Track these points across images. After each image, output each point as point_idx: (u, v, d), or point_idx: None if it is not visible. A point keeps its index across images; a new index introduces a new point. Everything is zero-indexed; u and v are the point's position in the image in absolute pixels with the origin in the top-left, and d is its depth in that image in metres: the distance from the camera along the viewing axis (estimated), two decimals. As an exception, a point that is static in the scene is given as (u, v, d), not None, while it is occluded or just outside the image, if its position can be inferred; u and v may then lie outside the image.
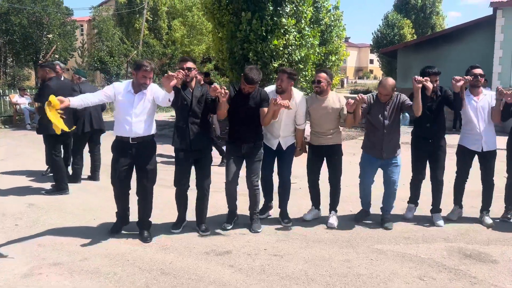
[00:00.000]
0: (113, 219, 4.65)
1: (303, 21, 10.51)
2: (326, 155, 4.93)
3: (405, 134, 5.04)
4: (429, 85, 4.57)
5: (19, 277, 3.58)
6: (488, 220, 4.98)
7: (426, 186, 5.19)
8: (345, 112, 4.72)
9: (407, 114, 8.89)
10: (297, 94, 4.86)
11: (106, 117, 7.72)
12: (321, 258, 4.07)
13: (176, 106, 4.42)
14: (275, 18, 10.00)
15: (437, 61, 16.12)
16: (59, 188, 6.10)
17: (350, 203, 5.59)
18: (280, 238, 4.57)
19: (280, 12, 10.08)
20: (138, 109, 4.28)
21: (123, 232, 4.60)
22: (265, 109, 4.55)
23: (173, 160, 4.65)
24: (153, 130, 4.46)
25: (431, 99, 4.84)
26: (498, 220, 5.08)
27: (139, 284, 3.52)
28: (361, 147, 5.07)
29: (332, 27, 12.07)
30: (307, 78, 10.95)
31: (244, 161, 4.73)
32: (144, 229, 4.49)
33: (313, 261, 3.99)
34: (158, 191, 4.79)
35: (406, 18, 28.86)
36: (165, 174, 4.69)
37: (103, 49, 23.51)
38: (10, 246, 4.20)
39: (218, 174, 4.84)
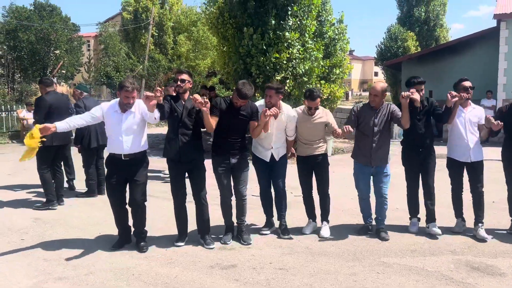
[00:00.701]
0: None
1: (306, 35, 10.59)
2: (313, 165, 4.98)
3: (396, 145, 5.09)
4: (416, 96, 4.74)
5: (24, 291, 3.59)
6: (483, 234, 4.88)
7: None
8: (334, 127, 4.84)
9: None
10: (286, 108, 4.92)
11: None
12: (326, 271, 4.04)
13: (166, 118, 4.46)
14: (278, 32, 10.09)
15: (441, 73, 16.18)
16: (48, 201, 6.12)
17: (356, 216, 5.56)
18: (285, 251, 4.54)
19: (283, 26, 10.17)
20: (127, 127, 4.33)
21: (127, 246, 4.60)
22: (256, 123, 4.63)
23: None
24: (144, 146, 4.51)
25: (417, 108, 4.90)
26: (505, 232, 5.04)
27: (144, 298, 3.51)
28: (351, 156, 5.13)
29: (336, 41, 12.13)
30: (312, 91, 10.96)
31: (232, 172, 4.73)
32: (140, 239, 4.53)
33: (318, 275, 3.96)
34: (162, 204, 4.82)
35: (410, 31, 28.95)
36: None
37: (109, 64, 23.76)
38: (16, 260, 4.21)
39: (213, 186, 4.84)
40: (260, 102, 4.94)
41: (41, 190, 7.15)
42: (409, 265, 4.18)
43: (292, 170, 5.12)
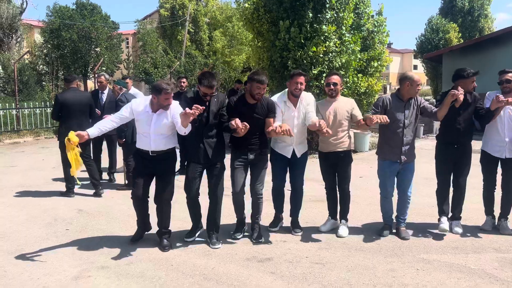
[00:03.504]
0: (155, 225, 4.76)
1: (343, 28, 10.43)
2: (335, 161, 4.82)
3: (425, 139, 4.93)
4: (461, 98, 4.44)
5: (69, 278, 3.74)
6: (507, 229, 4.81)
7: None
8: (358, 117, 4.75)
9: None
10: (306, 95, 4.72)
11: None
12: (364, 267, 3.99)
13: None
14: (315, 25, 9.99)
15: (485, 65, 15.51)
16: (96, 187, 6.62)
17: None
18: (322, 246, 4.52)
19: (320, 19, 10.06)
20: (156, 128, 4.26)
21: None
22: (271, 120, 4.52)
23: None
24: (173, 143, 4.44)
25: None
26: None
27: (182, 288, 3.58)
28: (377, 153, 4.91)
29: (375, 33, 11.89)
30: (349, 84, 10.83)
31: (249, 169, 4.67)
32: (163, 238, 4.49)
33: (356, 270, 3.92)
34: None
35: (452, 22, 27.98)
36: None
37: (147, 61, 24.31)
38: (61, 250, 4.39)
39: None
40: (276, 96, 4.77)
41: (84, 182, 7.45)
42: (450, 262, 4.06)
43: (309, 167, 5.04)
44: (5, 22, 24.57)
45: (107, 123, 4.36)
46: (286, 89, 4.74)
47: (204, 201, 4.63)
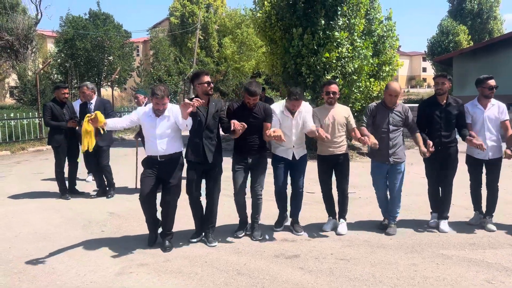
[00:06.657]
0: (187, 226, 5.06)
1: (355, 34, 10.69)
2: (334, 164, 5.08)
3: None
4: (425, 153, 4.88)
5: (113, 275, 4.03)
6: (491, 226, 5.06)
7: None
8: (352, 126, 5.05)
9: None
10: (303, 104, 4.97)
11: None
12: (387, 262, 4.23)
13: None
14: (328, 32, 10.26)
15: (495, 68, 15.64)
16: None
17: (412, 212, 5.69)
18: (345, 244, 4.77)
19: (333, 25, 10.33)
20: (160, 131, 4.56)
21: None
22: (268, 124, 4.80)
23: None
24: (179, 147, 4.72)
25: (440, 105, 5.04)
26: None
27: (219, 282, 3.85)
28: (367, 155, 5.28)
29: (385, 38, 12.14)
30: (361, 89, 11.07)
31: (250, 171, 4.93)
32: (166, 240, 4.70)
33: (379, 265, 4.16)
34: (223, 199, 5.13)
35: (461, 24, 28.10)
36: (229, 183, 5.03)
37: (161, 69, 24.72)
38: (101, 249, 4.69)
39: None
40: (277, 104, 5.08)
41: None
42: (468, 257, 4.29)
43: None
44: (21, 33, 25.23)
45: (120, 121, 4.74)
46: (283, 101, 5.08)
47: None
